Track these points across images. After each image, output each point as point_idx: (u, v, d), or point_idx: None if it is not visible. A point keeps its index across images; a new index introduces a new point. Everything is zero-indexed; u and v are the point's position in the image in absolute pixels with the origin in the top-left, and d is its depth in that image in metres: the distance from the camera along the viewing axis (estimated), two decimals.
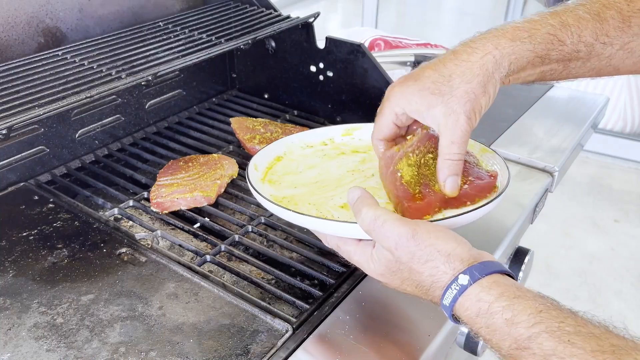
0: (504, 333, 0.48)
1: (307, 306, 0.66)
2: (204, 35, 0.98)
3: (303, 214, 0.62)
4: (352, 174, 0.76)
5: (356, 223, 0.58)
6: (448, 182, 0.63)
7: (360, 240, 0.61)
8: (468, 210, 0.62)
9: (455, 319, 0.53)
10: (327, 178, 0.76)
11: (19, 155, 0.89)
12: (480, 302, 0.50)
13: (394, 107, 0.67)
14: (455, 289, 0.51)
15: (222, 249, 0.76)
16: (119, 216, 0.83)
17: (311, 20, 1.06)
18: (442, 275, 0.53)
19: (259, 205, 0.86)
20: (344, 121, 1.07)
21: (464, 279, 0.51)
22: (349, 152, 0.82)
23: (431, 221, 0.59)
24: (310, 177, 0.76)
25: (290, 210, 0.63)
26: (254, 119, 1.06)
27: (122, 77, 0.82)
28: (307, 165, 0.79)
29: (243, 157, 0.98)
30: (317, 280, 0.73)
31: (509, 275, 0.53)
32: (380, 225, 0.56)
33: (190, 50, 0.92)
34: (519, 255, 0.92)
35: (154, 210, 0.82)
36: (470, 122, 0.63)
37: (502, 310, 0.48)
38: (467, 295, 0.51)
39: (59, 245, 0.73)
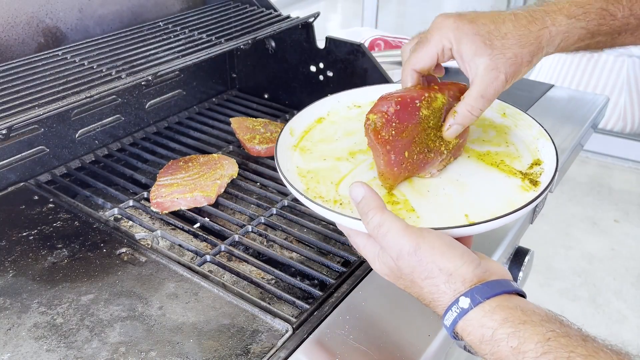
0: None
1: (307, 306, 0.66)
2: (204, 35, 0.98)
3: (313, 201, 0.60)
4: None
5: None
6: (454, 128, 0.63)
7: (370, 236, 0.58)
8: (485, 220, 0.57)
9: (457, 338, 0.51)
10: (362, 149, 0.72)
11: (19, 155, 0.89)
12: (484, 328, 0.48)
13: (444, 39, 0.63)
14: (455, 311, 0.49)
15: (222, 249, 0.76)
16: (119, 216, 0.83)
17: (311, 20, 1.06)
18: (442, 294, 0.51)
19: (259, 205, 0.86)
20: None
21: (464, 302, 0.49)
22: None
23: (439, 229, 0.55)
24: (344, 148, 0.73)
25: (302, 194, 0.61)
26: (254, 119, 1.06)
27: (122, 77, 0.82)
28: (345, 131, 0.76)
29: (243, 157, 0.98)
30: (317, 280, 0.73)
31: (518, 293, 0.50)
32: (384, 235, 0.53)
33: (190, 50, 0.92)
34: (519, 255, 0.92)
35: (154, 210, 0.82)
36: (506, 85, 0.62)
37: (507, 337, 0.46)
38: (469, 320, 0.49)
39: (59, 245, 0.73)
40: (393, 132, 0.61)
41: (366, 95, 0.81)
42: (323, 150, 0.73)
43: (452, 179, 0.67)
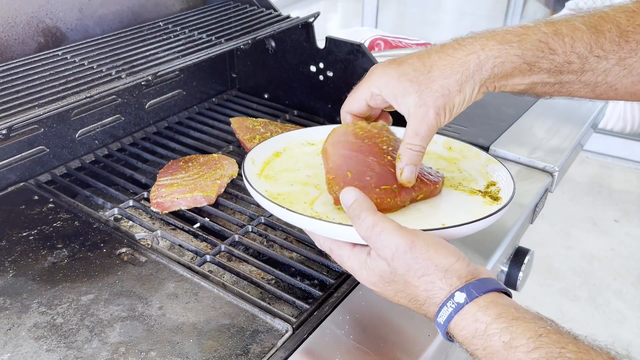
0: (502, 357, 0.46)
1: (307, 306, 0.66)
2: (204, 35, 0.98)
3: (296, 213, 0.61)
4: None
5: (351, 226, 0.56)
6: (406, 170, 0.63)
7: (354, 245, 0.59)
8: (471, 220, 0.60)
9: (449, 337, 0.52)
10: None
11: (19, 155, 0.89)
12: (477, 323, 0.48)
13: (371, 86, 0.66)
14: (451, 306, 0.50)
15: (222, 249, 0.76)
16: (119, 216, 0.83)
17: (311, 20, 1.06)
18: (438, 290, 0.51)
19: (259, 205, 0.86)
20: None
21: (460, 297, 0.50)
22: None
23: (428, 230, 0.57)
24: (308, 176, 0.75)
25: (284, 207, 0.62)
26: (254, 119, 1.06)
27: (122, 77, 0.82)
28: (305, 163, 0.78)
29: (243, 157, 0.97)
30: (317, 280, 0.73)
31: (506, 293, 0.52)
32: (378, 234, 0.54)
33: (190, 50, 0.92)
34: (519, 255, 0.92)
35: (154, 210, 0.82)
36: (438, 118, 0.62)
37: (500, 332, 0.47)
38: (464, 314, 0.49)
39: (59, 245, 0.73)
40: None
41: (318, 134, 0.83)
42: (288, 177, 0.74)
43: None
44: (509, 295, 0.52)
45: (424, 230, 0.56)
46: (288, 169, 0.76)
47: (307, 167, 0.77)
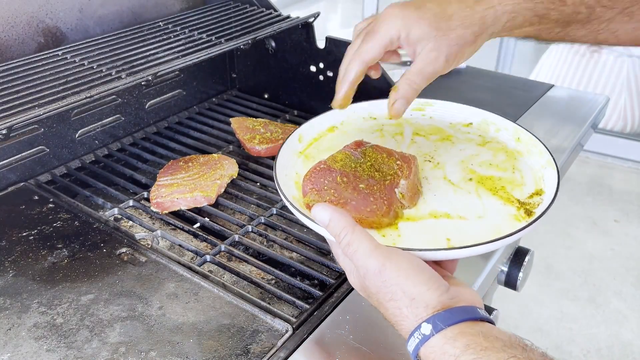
0: None
1: (307, 306, 0.66)
2: (204, 35, 0.98)
3: (297, 209, 0.60)
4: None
5: None
6: (398, 102, 0.64)
7: None
8: (465, 245, 0.56)
9: None
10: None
11: (19, 155, 0.89)
12: (446, 355, 0.47)
13: (391, 30, 0.65)
14: (417, 337, 0.49)
15: (222, 249, 0.76)
16: (119, 216, 0.83)
17: (311, 20, 1.06)
18: (404, 318, 0.51)
19: (259, 205, 0.86)
20: None
21: (426, 329, 0.48)
22: (409, 133, 0.79)
23: (408, 250, 0.54)
24: None
25: (289, 201, 0.61)
26: (254, 119, 1.06)
27: (122, 77, 0.82)
28: None
29: (243, 157, 0.98)
30: (317, 280, 0.73)
31: (484, 320, 0.50)
32: (353, 253, 0.53)
33: (190, 50, 0.92)
34: (519, 255, 0.92)
35: (154, 210, 0.82)
36: (447, 64, 0.64)
37: None
38: (431, 347, 0.48)
39: (59, 245, 0.73)
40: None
41: (383, 107, 0.79)
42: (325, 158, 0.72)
43: (445, 200, 0.67)
44: (490, 322, 0.50)
45: (404, 249, 0.54)
46: (334, 149, 0.72)
47: None
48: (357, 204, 0.62)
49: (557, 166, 0.67)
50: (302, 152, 0.74)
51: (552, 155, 0.69)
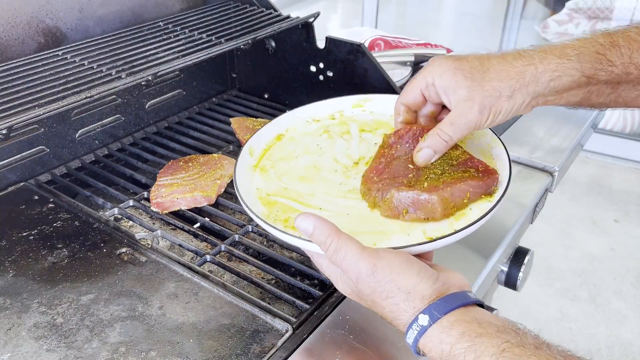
0: None
1: (307, 306, 0.66)
2: (204, 35, 0.98)
3: (271, 225, 0.61)
4: (342, 172, 0.73)
5: None
6: (423, 151, 0.64)
7: None
8: (447, 234, 0.58)
9: (421, 354, 0.52)
10: (319, 168, 0.74)
11: (19, 155, 0.89)
12: (443, 344, 0.49)
13: (427, 76, 0.66)
14: (416, 329, 0.50)
15: (222, 249, 0.76)
16: (119, 216, 0.83)
17: (311, 20, 1.06)
18: (402, 312, 0.52)
19: None
20: None
21: (423, 320, 0.50)
22: (355, 131, 0.80)
23: (398, 248, 0.55)
24: (302, 166, 0.74)
25: (261, 219, 0.62)
26: (254, 119, 1.06)
27: (122, 77, 0.82)
28: (305, 148, 0.77)
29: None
30: (317, 280, 0.73)
31: (476, 303, 0.51)
32: (342, 259, 0.54)
33: (190, 50, 0.92)
34: (519, 255, 0.92)
35: (154, 210, 0.82)
36: (481, 117, 0.62)
37: (464, 351, 0.47)
38: (429, 337, 0.50)
39: (59, 245, 0.73)
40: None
41: (324, 109, 0.83)
42: (284, 168, 0.74)
43: None
44: (480, 304, 0.52)
45: (395, 248, 0.55)
46: (286, 157, 0.75)
47: (306, 154, 0.76)
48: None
49: (502, 142, 0.70)
50: (255, 165, 0.75)
51: (494, 133, 0.72)
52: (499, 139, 0.71)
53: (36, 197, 0.84)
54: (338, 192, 0.70)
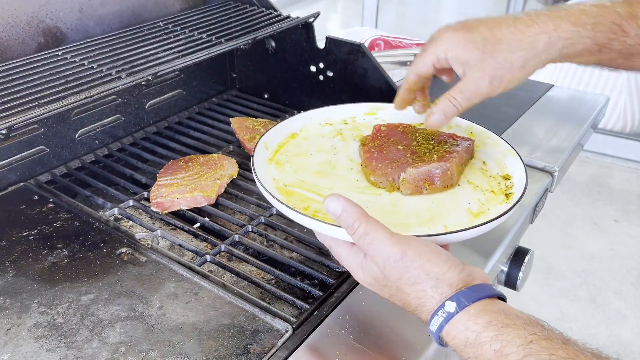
0: None
1: (307, 306, 0.66)
2: (204, 35, 0.98)
3: (295, 210, 0.61)
4: (357, 170, 0.74)
5: None
6: (435, 115, 0.66)
7: (352, 244, 0.59)
8: (470, 226, 0.60)
9: (443, 343, 0.52)
10: (334, 166, 0.75)
11: (19, 155, 0.89)
12: (468, 332, 0.48)
13: (437, 50, 0.68)
14: (442, 315, 0.50)
15: (222, 249, 0.76)
16: (119, 216, 0.83)
17: (311, 20, 1.06)
18: (429, 299, 0.52)
19: (259, 205, 0.86)
20: None
21: (450, 306, 0.50)
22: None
23: (422, 236, 0.56)
24: (317, 162, 0.75)
25: (284, 204, 0.62)
26: (254, 119, 1.06)
27: (122, 77, 0.82)
28: (319, 147, 0.78)
29: (243, 157, 0.98)
30: (317, 280, 0.73)
31: (500, 297, 0.52)
32: (370, 243, 0.54)
33: (190, 50, 0.92)
34: (519, 255, 0.92)
35: (154, 210, 0.82)
36: (491, 87, 0.64)
37: (490, 340, 0.47)
38: (454, 324, 0.49)
39: (59, 245, 0.73)
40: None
41: (336, 114, 0.85)
42: (300, 163, 0.75)
43: (428, 198, 0.69)
44: (503, 298, 0.52)
45: (419, 236, 0.56)
46: (301, 154, 0.76)
47: (320, 152, 0.77)
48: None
49: (516, 151, 0.73)
50: (271, 159, 0.76)
51: (508, 143, 0.74)
52: (513, 148, 0.74)
53: (36, 197, 0.84)
54: (355, 187, 0.70)
